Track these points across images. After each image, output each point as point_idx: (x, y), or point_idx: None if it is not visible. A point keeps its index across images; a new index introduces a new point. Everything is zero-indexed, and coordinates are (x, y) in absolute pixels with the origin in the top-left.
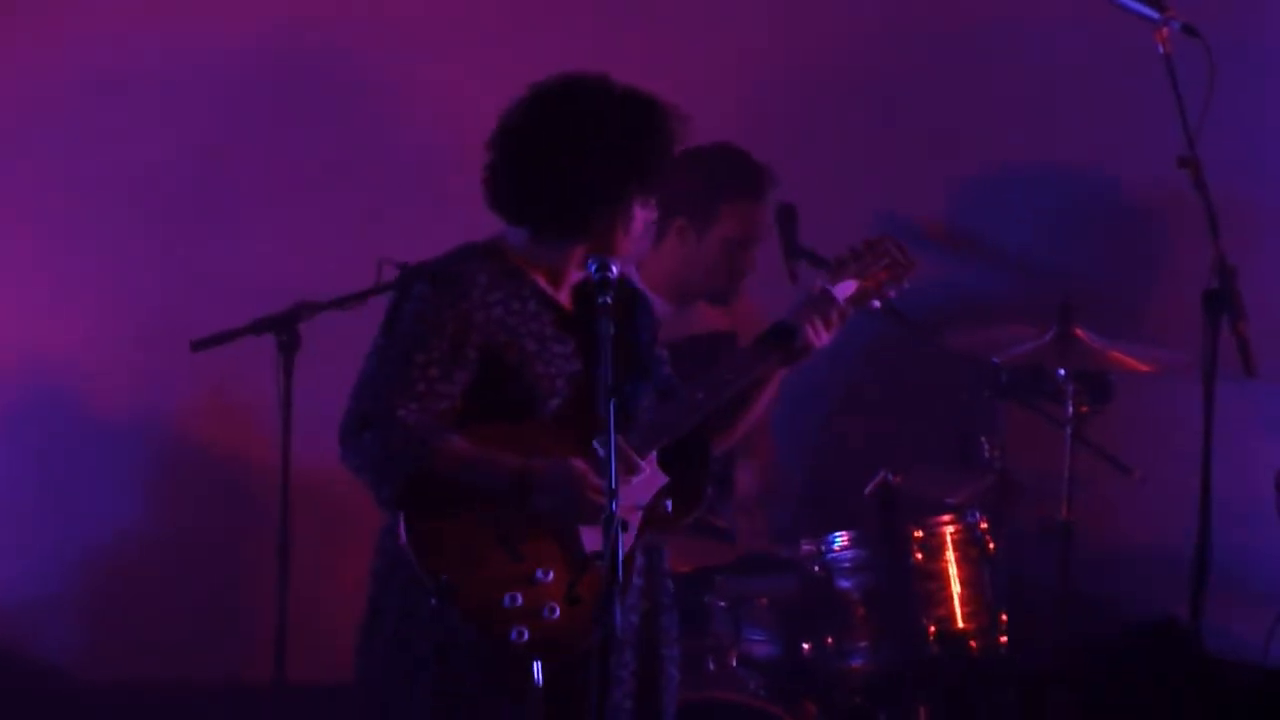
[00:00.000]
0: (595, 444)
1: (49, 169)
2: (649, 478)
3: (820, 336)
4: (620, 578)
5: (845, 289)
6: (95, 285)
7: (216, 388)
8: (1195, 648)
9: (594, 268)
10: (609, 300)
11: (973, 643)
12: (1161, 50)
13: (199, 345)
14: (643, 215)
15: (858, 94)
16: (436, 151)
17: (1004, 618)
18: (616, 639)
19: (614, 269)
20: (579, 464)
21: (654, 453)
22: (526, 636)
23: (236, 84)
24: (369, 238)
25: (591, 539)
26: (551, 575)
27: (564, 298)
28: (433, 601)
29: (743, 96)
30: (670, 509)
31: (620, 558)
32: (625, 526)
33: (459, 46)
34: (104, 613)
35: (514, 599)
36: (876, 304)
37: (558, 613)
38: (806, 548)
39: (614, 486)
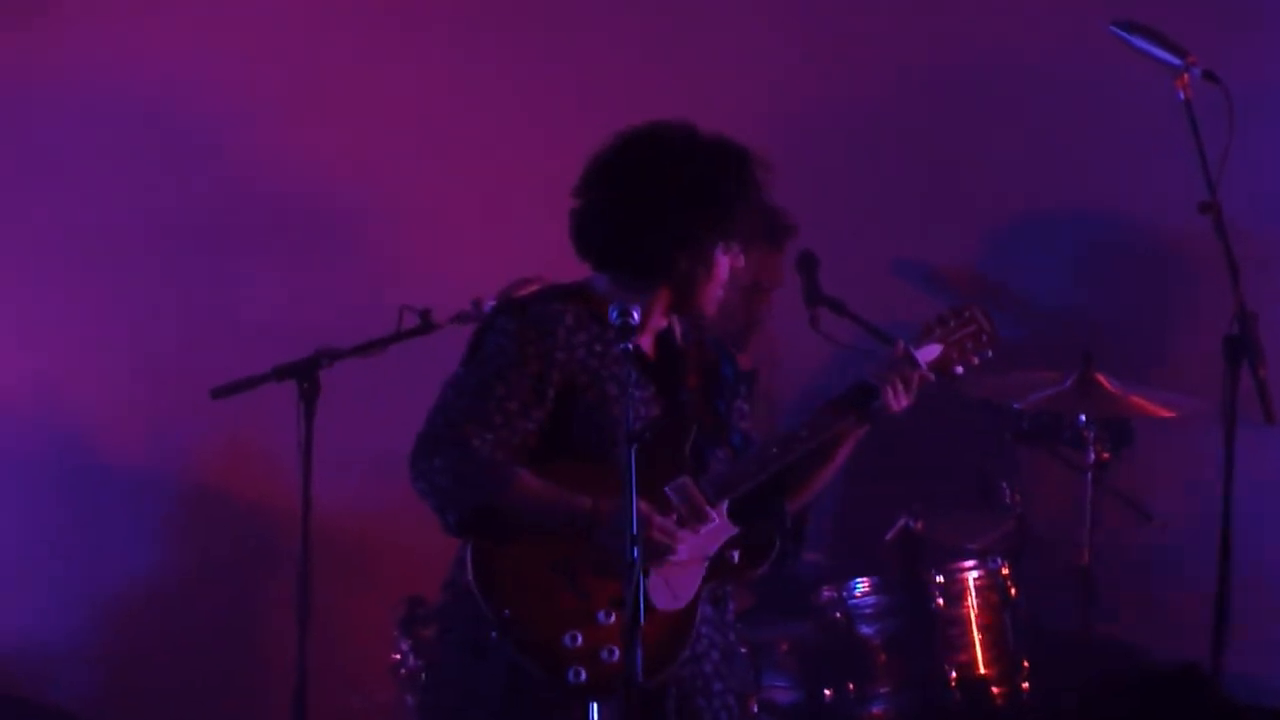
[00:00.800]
0: (667, 490)
1: (70, 216)
2: (718, 528)
3: (899, 400)
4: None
5: (929, 353)
6: (116, 331)
7: (237, 434)
8: (1217, 693)
9: (614, 315)
10: (630, 347)
11: (994, 688)
12: (1182, 96)
13: (219, 392)
14: (727, 261)
15: (878, 141)
16: (459, 199)
17: (1025, 663)
18: (636, 687)
19: (635, 315)
20: (644, 506)
21: (725, 503)
22: (585, 677)
23: (257, 128)
24: (390, 285)
25: (656, 586)
26: (614, 618)
27: (647, 343)
28: (493, 635)
29: (764, 143)
30: (736, 560)
31: (641, 602)
32: (647, 573)
33: (476, 93)
34: (122, 659)
35: (574, 638)
36: (959, 370)
37: (616, 655)
38: (827, 594)
39: (634, 532)
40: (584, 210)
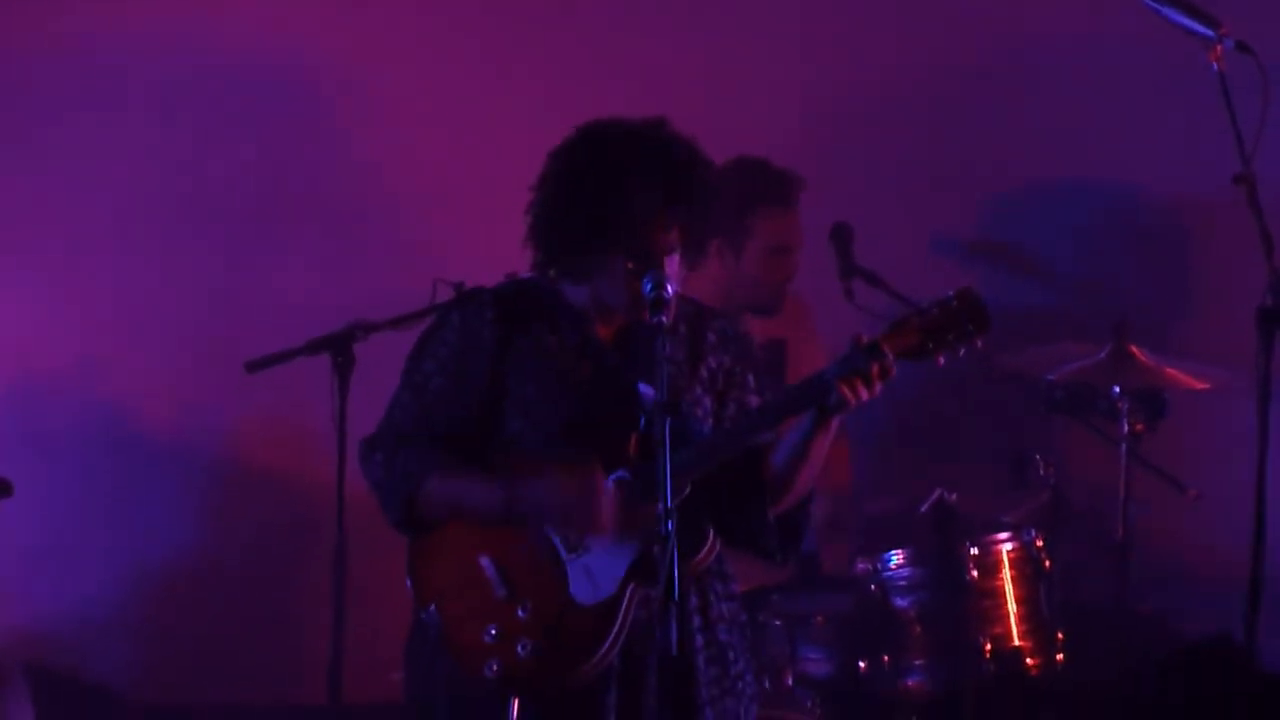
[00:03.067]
0: (608, 482)
1: (102, 187)
2: (648, 517)
3: (859, 394)
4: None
5: (901, 341)
6: (151, 306)
7: (272, 408)
8: (1251, 665)
9: (649, 286)
10: (664, 320)
11: (1029, 660)
12: (1216, 68)
13: (254, 366)
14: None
15: (916, 114)
16: (491, 175)
17: (1060, 636)
18: (672, 660)
19: (670, 288)
20: (556, 473)
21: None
22: (497, 671)
23: (295, 107)
24: (425, 257)
25: (577, 579)
26: (528, 613)
27: (604, 332)
28: (430, 629)
29: (792, 122)
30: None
31: (676, 576)
32: (664, 543)
33: (504, 73)
34: (159, 634)
35: (490, 632)
36: (941, 360)
37: (528, 649)
38: (862, 566)
39: (669, 505)
40: (531, 203)
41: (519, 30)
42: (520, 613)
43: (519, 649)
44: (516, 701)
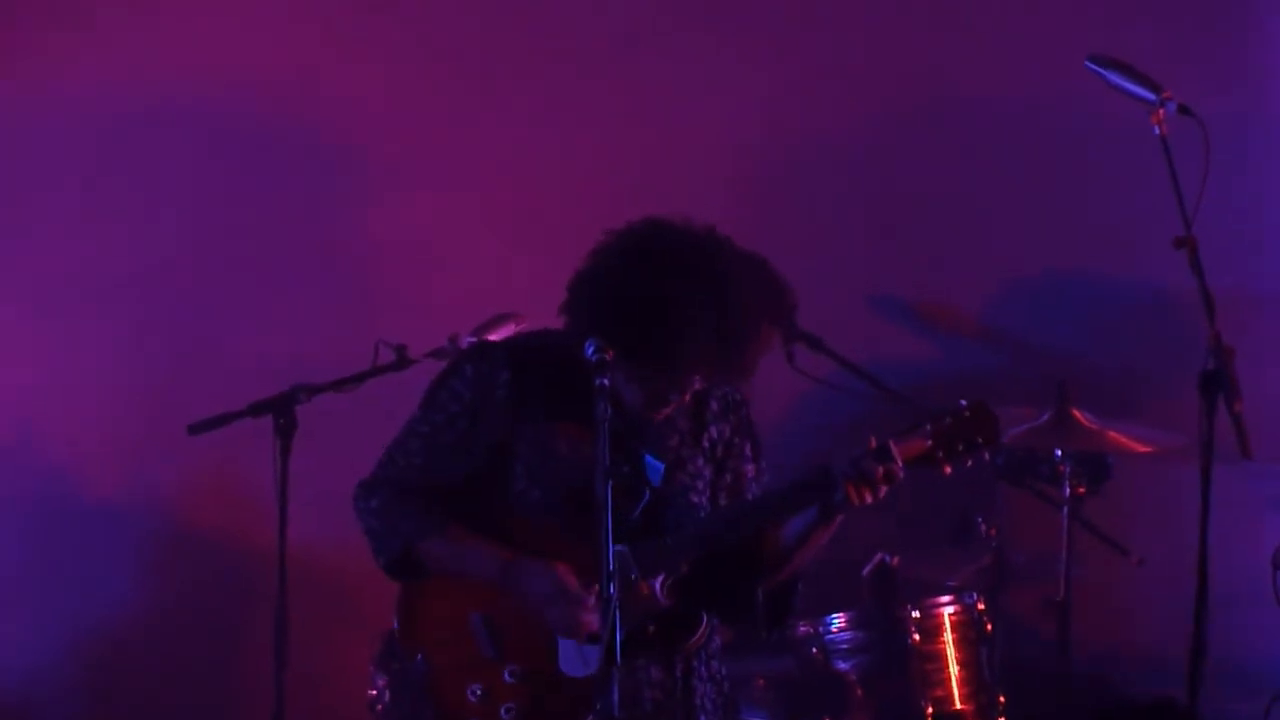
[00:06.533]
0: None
1: (46, 250)
2: (644, 600)
3: (864, 496)
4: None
5: (913, 447)
6: (92, 366)
7: (213, 469)
8: None
9: (590, 350)
10: (607, 383)
11: None
12: (1157, 131)
13: (196, 429)
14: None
15: (854, 176)
16: (433, 231)
17: (1002, 699)
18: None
19: (611, 352)
20: (562, 569)
21: (660, 576)
22: None
23: (229, 167)
24: (366, 321)
25: (567, 652)
26: (516, 679)
27: (637, 400)
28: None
29: (738, 178)
30: (652, 632)
31: (618, 638)
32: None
33: (455, 129)
34: (100, 695)
35: (475, 692)
36: (948, 470)
37: (512, 715)
38: (804, 629)
39: (610, 568)
40: (583, 280)
41: (471, 85)
42: (507, 675)
43: (502, 712)
44: None
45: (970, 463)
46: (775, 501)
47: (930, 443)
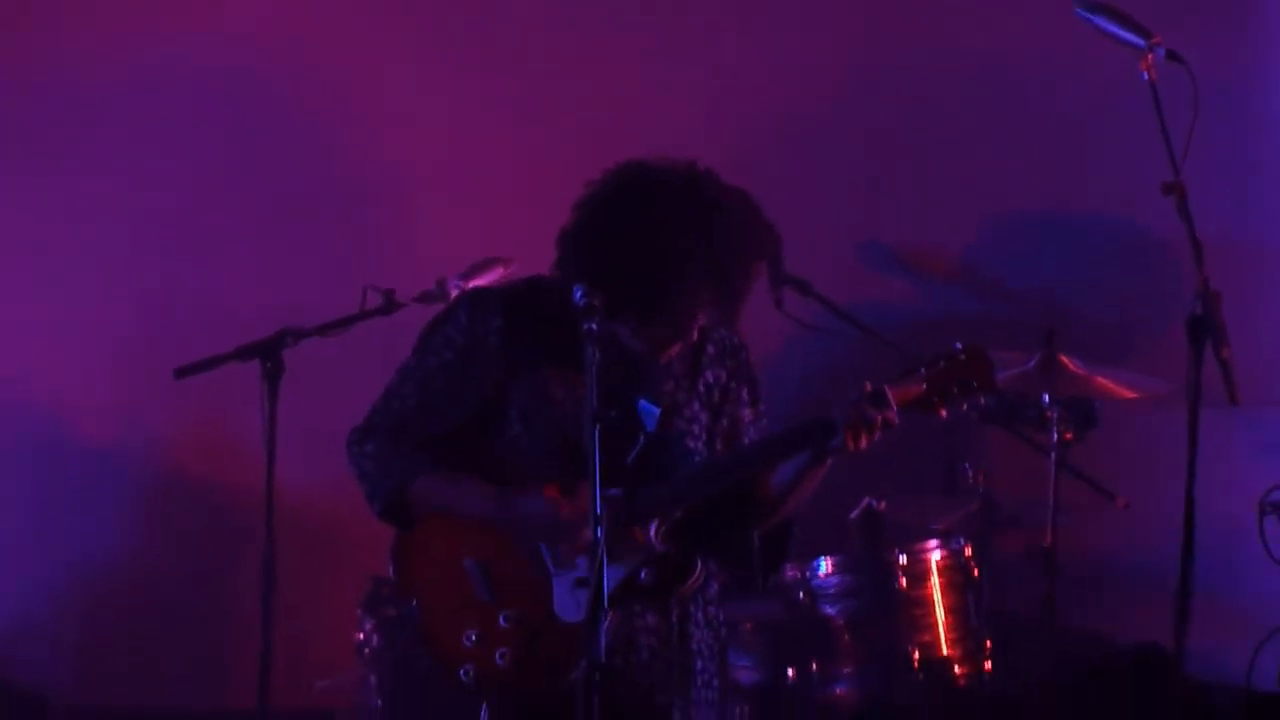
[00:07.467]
0: (600, 500)
1: (35, 199)
2: (638, 546)
3: (860, 441)
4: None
5: (908, 391)
6: (80, 313)
7: (201, 414)
8: (1179, 673)
9: (579, 294)
10: (594, 326)
11: (957, 669)
12: (1146, 77)
13: (183, 372)
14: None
15: (844, 124)
16: (421, 178)
17: (988, 644)
18: (599, 670)
19: (600, 296)
20: (553, 492)
21: (654, 523)
22: (472, 676)
23: (221, 114)
24: (354, 264)
25: (561, 595)
26: (510, 623)
27: (640, 344)
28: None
29: (729, 124)
30: (645, 578)
31: (604, 583)
32: (603, 553)
33: (443, 75)
34: (89, 639)
35: (470, 637)
36: (944, 414)
37: (507, 659)
38: (791, 573)
39: (599, 511)
40: (572, 233)
41: (457, 35)
42: (502, 620)
43: (497, 657)
44: (486, 706)
45: (965, 407)
46: (772, 446)
47: (925, 387)
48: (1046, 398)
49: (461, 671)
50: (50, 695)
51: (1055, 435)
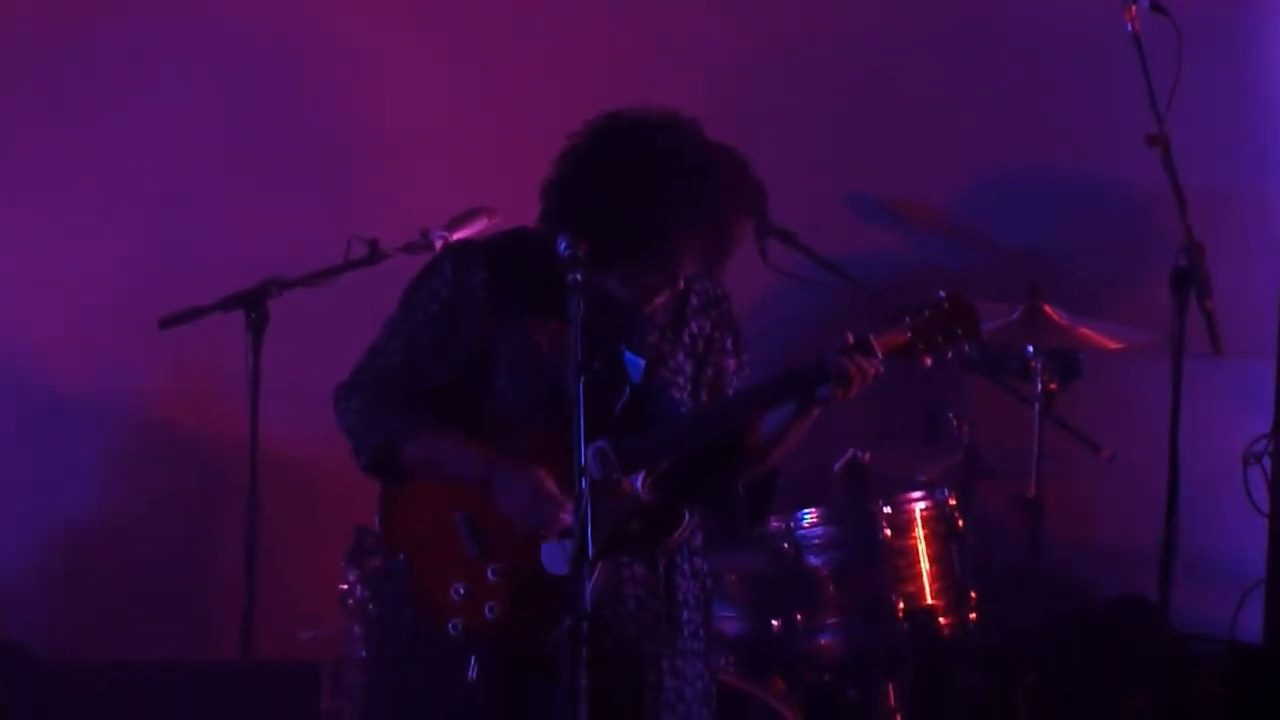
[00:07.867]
0: (592, 450)
1: (16, 150)
2: (627, 497)
3: (848, 391)
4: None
5: (893, 339)
6: (64, 264)
7: (185, 365)
8: (1163, 623)
9: (563, 245)
10: (579, 277)
11: (942, 619)
12: (1130, 29)
13: (167, 322)
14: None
15: (830, 73)
16: (406, 129)
17: (973, 595)
18: (585, 620)
19: (585, 247)
20: (537, 472)
21: (641, 473)
22: (461, 630)
23: (203, 64)
24: (339, 215)
25: (550, 554)
26: (499, 577)
27: (628, 293)
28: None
29: (712, 76)
30: (635, 530)
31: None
32: (584, 505)
33: (428, 25)
34: (71, 590)
35: (458, 590)
36: (929, 361)
37: (495, 612)
38: (775, 524)
39: (583, 463)
40: (556, 182)
41: None
42: (490, 574)
43: (485, 610)
44: (475, 659)
45: (950, 354)
46: (758, 396)
47: (910, 335)
48: (1031, 348)
49: (450, 625)
50: (33, 647)
51: (1039, 386)
